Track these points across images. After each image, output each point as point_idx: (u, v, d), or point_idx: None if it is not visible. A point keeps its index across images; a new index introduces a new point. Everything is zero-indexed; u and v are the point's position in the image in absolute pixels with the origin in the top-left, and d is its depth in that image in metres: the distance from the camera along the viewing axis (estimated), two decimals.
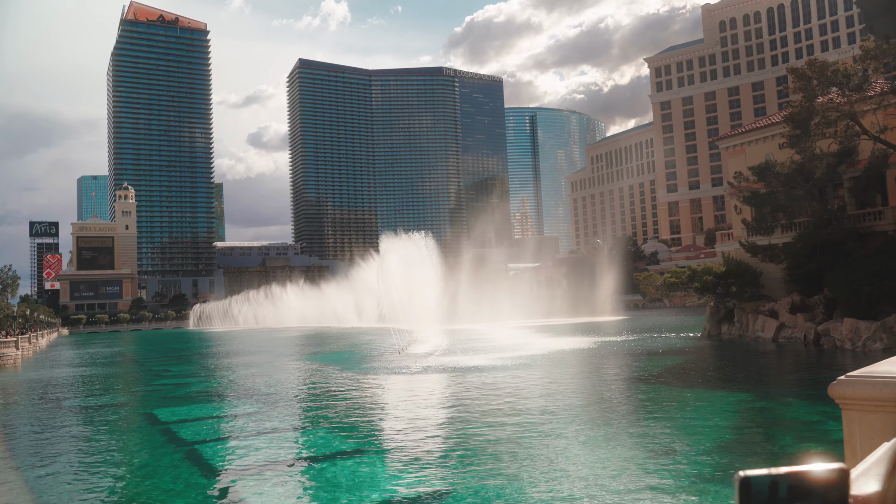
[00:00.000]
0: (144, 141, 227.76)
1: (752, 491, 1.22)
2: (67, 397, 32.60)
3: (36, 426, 23.78)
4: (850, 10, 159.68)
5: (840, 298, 37.75)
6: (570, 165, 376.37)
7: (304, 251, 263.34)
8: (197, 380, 38.47)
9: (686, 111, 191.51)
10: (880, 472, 1.24)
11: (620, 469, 13.74)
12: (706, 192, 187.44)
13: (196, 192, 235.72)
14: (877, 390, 4.71)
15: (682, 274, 50.82)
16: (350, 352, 52.21)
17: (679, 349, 41.89)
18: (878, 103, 39.43)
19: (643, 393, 24.82)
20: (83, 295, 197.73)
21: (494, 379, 29.30)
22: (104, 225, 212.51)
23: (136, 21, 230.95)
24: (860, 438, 4.77)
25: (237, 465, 16.07)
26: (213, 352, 63.86)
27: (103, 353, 72.32)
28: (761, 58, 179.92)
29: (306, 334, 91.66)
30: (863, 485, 1.27)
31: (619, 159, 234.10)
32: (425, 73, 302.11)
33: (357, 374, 35.15)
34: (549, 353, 41.15)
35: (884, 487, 1.22)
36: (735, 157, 51.97)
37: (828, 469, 1.24)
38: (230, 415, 24.48)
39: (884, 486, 1.22)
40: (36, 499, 14.12)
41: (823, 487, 1.22)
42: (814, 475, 1.23)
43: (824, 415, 17.91)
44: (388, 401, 26.08)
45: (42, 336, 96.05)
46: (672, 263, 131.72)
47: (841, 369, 5.68)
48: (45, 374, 47.30)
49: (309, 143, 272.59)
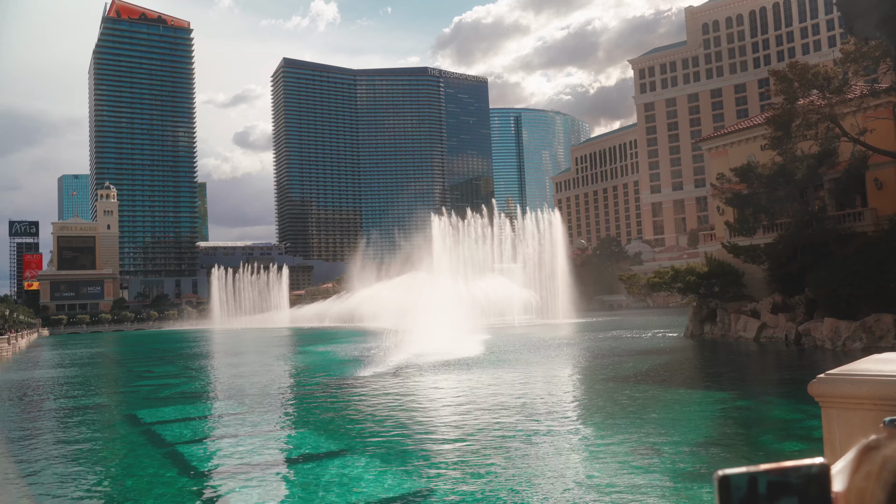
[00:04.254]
0: (127, 140, 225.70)
1: (732, 488, 1.21)
2: (47, 398, 32.20)
3: (14, 428, 23.45)
4: (831, 13, 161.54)
5: (820, 298, 38.16)
6: (555, 166, 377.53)
7: (289, 251, 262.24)
8: (179, 380, 38.15)
9: (669, 112, 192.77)
10: (849, 469, 1.27)
11: (601, 469, 13.77)
12: (689, 193, 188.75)
13: (179, 191, 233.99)
14: (856, 388, 4.75)
15: (666, 274, 51.11)
16: (338, 351, 51.98)
17: (661, 349, 42.14)
18: (858, 106, 39.90)
19: (624, 392, 24.92)
20: (64, 295, 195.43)
21: (475, 379, 29.29)
22: (85, 224, 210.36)
23: (118, 18, 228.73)
24: (839, 436, 4.81)
25: (219, 466, 15.94)
26: (197, 352, 63.35)
27: (84, 353, 71.50)
28: (744, 60, 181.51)
29: (305, 334, 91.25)
30: (840, 482, 1.28)
31: (604, 160, 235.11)
32: (410, 73, 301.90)
33: (342, 373, 34.99)
34: (530, 353, 41.22)
35: (850, 484, 1.24)
36: (718, 158, 52.37)
37: (808, 464, 1.23)
38: (213, 415, 24.29)
39: (850, 483, 1.24)
40: (14, 501, 13.92)
41: (804, 483, 1.22)
42: (794, 471, 1.22)
43: (804, 413, 18.08)
44: (372, 400, 25.99)
45: (22, 337, 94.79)
46: (656, 264, 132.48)
47: (821, 368, 5.72)
48: (25, 375, 46.69)
49: (293, 143, 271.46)
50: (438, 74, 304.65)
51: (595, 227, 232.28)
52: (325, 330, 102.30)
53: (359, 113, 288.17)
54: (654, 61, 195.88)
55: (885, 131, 39.40)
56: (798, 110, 39.61)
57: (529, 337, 57.14)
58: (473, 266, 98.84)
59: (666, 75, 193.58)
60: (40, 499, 13.88)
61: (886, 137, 39.18)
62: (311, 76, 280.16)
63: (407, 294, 73.07)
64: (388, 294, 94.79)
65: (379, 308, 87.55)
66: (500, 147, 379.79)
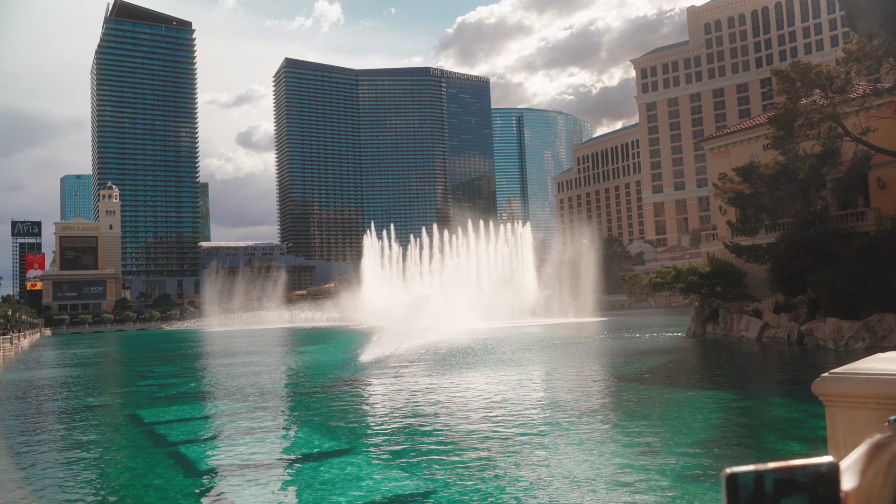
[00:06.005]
0: (129, 140, 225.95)
1: (739, 486, 1.21)
2: (50, 398, 32.23)
3: (17, 428, 23.46)
4: (834, 12, 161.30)
5: (823, 298, 38.09)
6: (557, 166, 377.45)
7: (291, 251, 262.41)
8: (181, 380, 38.18)
9: (671, 112, 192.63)
10: (858, 467, 1.26)
11: (603, 468, 13.75)
12: (691, 193, 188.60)
13: (181, 191, 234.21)
14: (860, 387, 4.72)
15: (668, 274, 51.05)
16: (333, 352, 52.00)
17: (664, 349, 42.10)
18: (861, 105, 39.81)
19: (627, 392, 24.89)
20: (66, 295, 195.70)
21: (477, 379, 29.28)
22: (88, 225, 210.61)
23: (120, 19, 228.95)
24: (843, 435, 4.78)
25: (221, 466, 15.93)
26: (198, 352, 63.40)
27: (86, 353, 71.59)
28: (746, 60, 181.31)
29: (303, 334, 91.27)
30: (847, 480, 1.27)
31: (606, 160, 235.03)
32: (412, 73, 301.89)
33: (343, 373, 35.01)
34: (532, 352, 41.20)
35: (860, 482, 1.24)
36: (719, 158, 52.28)
37: (817, 463, 1.22)
38: (214, 415, 24.29)
39: (860, 481, 1.24)
40: (16, 501, 13.92)
41: (813, 482, 1.21)
42: (802, 469, 1.21)
43: (807, 413, 18.04)
44: (372, 400, 25.99)
45: (24, 337, 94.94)
46: (657, 264, 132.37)
47: (824, 368, 5.69)
48: (28, 375, 46.75)
49: (295, 143, 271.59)
50: (440, 74, 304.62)
51: (598, 226, 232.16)
52: (323, 330, 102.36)
53: (361, 113, 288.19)
54: (657, 61, 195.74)
55: (887, 131, 39.26)
56: (800, 110, 39.50)
57: (528, 337, 57.13)
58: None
59: (668, 75, 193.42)
60: (42, 499, 13.87)
61: (889, 137, 39.05)
62: (313, 76, 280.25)
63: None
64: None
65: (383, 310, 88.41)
66: (502, 147, 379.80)
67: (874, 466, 1.23)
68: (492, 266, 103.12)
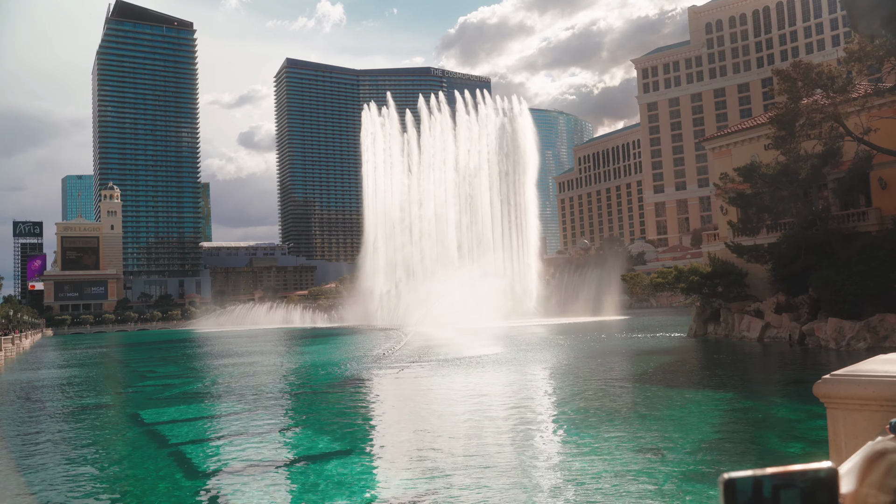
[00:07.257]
0: (130, 140, 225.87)
1: (737, 492, 1.20)
2: (51, 399, 32.24)
3: (19, 428, 23.48)
4: (835, 12, 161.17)
5: (824, 298, 38.03)
6: (558, 166, 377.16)
7: (292, 251, 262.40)
8: (182, 380, 38.18)
9: (672, 112, 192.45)
10: (856, 474, 1.25)
11: (605, 469, 13.74)
12: (692, 193, 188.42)
13: (182, 191, 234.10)
14: (861, 389, 4.71)
15: (669, 274, 51.04)
16: (335, 352, 52.01)
17: (665, 349, 42.07)
18: (862, 105, 39.75)
19: (628, 392, 24.88)
20: (68, 295, 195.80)
21: (480, 378, 29.27)
22: (89, 225, 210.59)
23: (121, 19, 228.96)
24: (845, 437, 4.78)
25: (222, 466, 15.93)
26: (199, 352, 63.41)
27: (88, 353, 71.64)
28: (747, 59, 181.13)
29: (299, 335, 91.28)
30: (846, 484, 1.27)
31: (607, 160, 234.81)
32: (413, 73, 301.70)
33: (344, 374, 35.01)
34: (534, 352, 41.18)
35: (857, 490, 1.24)
36: (721, 157, 52.24)
37: (816, 468, 1.21)
38: (215, 415, 24.29)
39: (857, 489, 1.24)
40: (17, 500, 13.93)
41: (811, 487, 1.20)
42: (801, 475, 1.21)
43: (809, 414, 18.01)
44: (375, 401, 25.99)
45: (26, 337, 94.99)
46: (659, 264, 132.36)
47: (825, 369, 5.69)
48: (29, 375, 46.77)
49: (296, 143, 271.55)
50: (441, 74, 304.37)
51: (599, 226, 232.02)
52: (321, 330, 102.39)
53: (361, 113, 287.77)
54: (658, 61, 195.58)
55: (889, 130, 39.21)
56: (802, 110, 39.45)
57: (530, 336, 57.10)
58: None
59: (669, 75, 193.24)
60: (44, 499, 13.89)
61: (891, 137, 38.99)
62: (314, 76, 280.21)
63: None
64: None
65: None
66: None
67: (872, 475, 1.23)
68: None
